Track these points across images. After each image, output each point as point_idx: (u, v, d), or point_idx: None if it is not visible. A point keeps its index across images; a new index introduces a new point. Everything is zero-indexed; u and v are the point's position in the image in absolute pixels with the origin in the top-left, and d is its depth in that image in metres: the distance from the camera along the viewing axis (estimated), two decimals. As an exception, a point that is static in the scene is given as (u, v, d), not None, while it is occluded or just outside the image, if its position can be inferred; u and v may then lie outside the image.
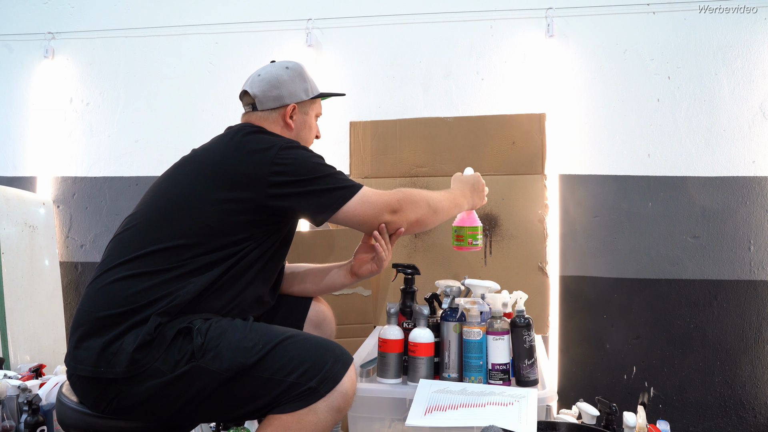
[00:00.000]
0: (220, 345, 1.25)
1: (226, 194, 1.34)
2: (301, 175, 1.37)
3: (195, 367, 1.24)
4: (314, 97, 1.61)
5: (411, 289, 1.71)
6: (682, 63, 2.51)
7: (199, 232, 1.33)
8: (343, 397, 1.26)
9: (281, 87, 1.55)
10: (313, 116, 1.63)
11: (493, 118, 2.40)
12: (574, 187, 2.55)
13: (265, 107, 1.56)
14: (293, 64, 1.61)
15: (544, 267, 2.26)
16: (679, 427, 2.42)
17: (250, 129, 1.46)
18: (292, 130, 1.58)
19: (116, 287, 1.29)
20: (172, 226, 1.34)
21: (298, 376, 1.24)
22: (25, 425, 1.98)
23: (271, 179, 1.35)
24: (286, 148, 1.39)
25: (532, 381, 1.50)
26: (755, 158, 2.45)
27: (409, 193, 1.48)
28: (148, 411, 1.27)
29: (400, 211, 1.45)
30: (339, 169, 1.44)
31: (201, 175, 1.38)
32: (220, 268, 1.33)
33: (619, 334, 2.49)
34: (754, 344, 2.41)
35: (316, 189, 1.38)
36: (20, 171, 3.04)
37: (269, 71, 1.58)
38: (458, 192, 1.64)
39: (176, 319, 1.28)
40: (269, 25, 2.81)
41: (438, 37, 2.70)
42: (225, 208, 1.34)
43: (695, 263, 2.45)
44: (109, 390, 1.26)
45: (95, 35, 3.00)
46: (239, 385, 1.25)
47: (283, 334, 1.30)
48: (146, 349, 1.24)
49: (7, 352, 2.50)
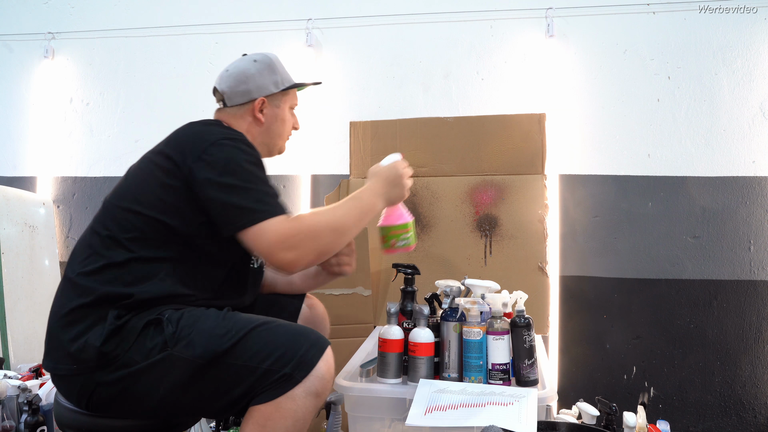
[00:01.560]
0: (193, 333, 1.24)
1: (165, 182, 1.33)
2: (222, 177, 1.29)
3: (168, 356, 1.23)
4: (286, 88, 1.56)
5: (411, 289, 1.71)
6: (682, 63, 2.51)
7: (147, 225, 1.33)
8: (320, 382, 1.23)
9: (249, 81, 1.52)
10: (287, 108, 1.59)
11: (493, 118, 2.40)
12: (574, 187, 2.55)
13: (233, 103, 1.53)
14: (262, 57, 1.56)
15: (544, 267, 2.26)
16: (679, 427, 2.42)
17: (199, 122, 1.45)
18: (263, 124, 1.54)
19: (76, 284, 1.31)
20: (121, 220, 1.35)
21: (272, 363, 1.22)
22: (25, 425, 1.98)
23: (195, 173, 1.30)
24: (219, 144, 1.32)
25: (532, 381, 1.50)
26: (755, 158, 2.45)
27: (308, 224, 1.29)
28: (129, 404, 1.28)
29: (297, 248, 1.26)
30: (267, 186, 1.32)
31: (146, 167, 1.39)
32: (174, 261, 1.31)
33: (619, 334, 2.49)
34: (754, 344, 2.41)
35: (229, 200, 1.28)
36: (20, 171, 3.04)
37: (237, 66, 1.54)
38: (369, 192, 1.44)
39: (144, 311, 1.28)
40: (269, 25, 2.81)
41: (438, 37, 2.70)
42: (165, 199, 1.33)
43: (695, 263, 2.45)
44: (86, 385, 1.27)
45: (95, 35, 3.00)
46: (214, 373, 1.24)
47: (256, 320, 1.28)
48: (114, 340, 1.25)
49: (7, 352, 2.50)
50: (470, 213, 2.34)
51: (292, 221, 1.28)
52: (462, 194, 2.36)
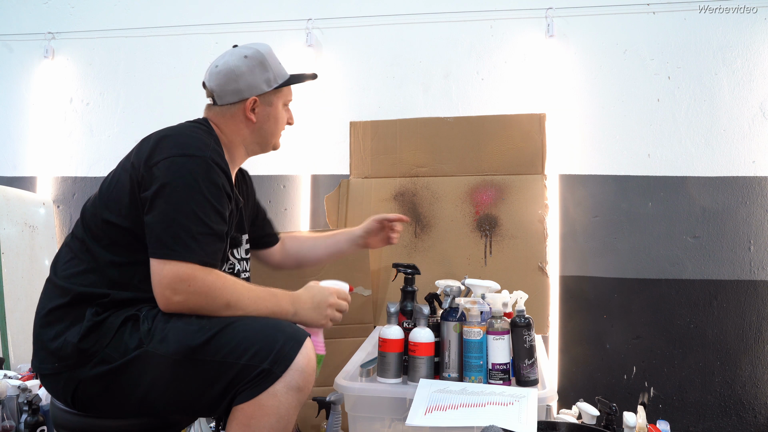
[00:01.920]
0: (167, 329, 1.25)
1: (128, 188, 1.33)
2: (156, 198, 1.26)
3: (144, 353, 1.24)
4: (278, 86, 1.52)
5: (411, 289, 1.71)
6: (682, 63, 2.51)
7: (117, 232, 1.33)
8: (300, 375, 1.22)
9: (239, 80, 1.47)
10: (280, 105, 1.54)
11: (493, 118, 2.40)
12: (574, 187, 2.55)
13: (224, 102, 1.49)
14: (252, 52, 1.50)
15: (544, 267, 2.26)
16: (679, 427, 2.42)
17: (179, 127, 1.42)
18: (255, 124, 1.51)
19: (56, 285, 1.34)
20: (93, 227, 1.36)
21: (249, 358, 1.21)
22: (25, 425, 1.98)
23: (142, 183, 1.30)
24: (171, 161, 1.28)
25: (532, 381, 1.50)
26: (755, 158, 2.45)
27: (212, 282, 1.25)
28: (112, 401, 1.28)
29: (183, 294, 1.23)
30: (196, 223, 1.25)
31: (118, 171, 1.41)
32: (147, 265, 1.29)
33: (619, 334, 2.49)
34: (754, 344, 2.41)
35: (151, 223, 1.26)
36: (20, 171, 3.04)
37: (227, 62, 1.49)
38: (289, 299, 1.37)
39: (122, 309, 1.29)
40: (269, 25, 2.81)
41: (438, 37, 2.70)
42: (129, 206, 1.32)
43: (695, 263, 2.45)
44: (69, 382, 1.28)
45: (95, 35, 3.00)
46: (191, 370, 1.23)
47: (232, 317, 1.28)
48: (91, 337, 1.26)
49: (7, 352, 2.50)
50: (470, 213, 2.34)
51: (194, 270, 1.23)
52: (462, 194, 2.36)
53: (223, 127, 1.50)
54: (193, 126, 1.44)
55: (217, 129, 1.49)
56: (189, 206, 1.25)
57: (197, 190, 1.27)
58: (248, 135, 1.52)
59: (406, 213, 2.38)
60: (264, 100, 1.51)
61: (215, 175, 1.30)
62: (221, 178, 1.32)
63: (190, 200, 1.26)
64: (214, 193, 1.29)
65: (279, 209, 2.79)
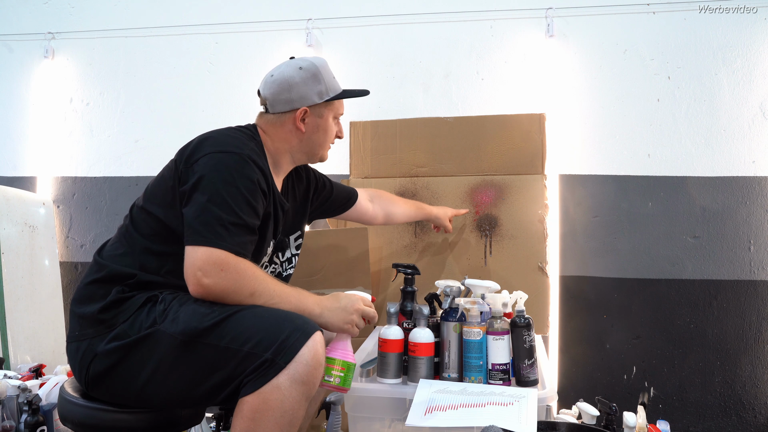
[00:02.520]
0: (180, 310, 1.28)
1: (170, 183, 1.41)
2: (193, 190, 1.32)
3: (155, 332, 1.28)
4: (330, 99, 1.57)
5: (411, 289, 1.71)
6: (682, 63, 2.51)
7: (156, 223, 1.41)
8: (305, 368, 1.21)
9: (292, 90, 1.52)
10: (330, 118, 1.60)
11: (493, 118, 2.40)
12: (574, 187, 2.55)
13: (275, 110, 1.54)
14: (308, 64, 1.55)
15: (544, 267, 2.26)
16: (679, 427, 2.42)
17: (225, 129, 1.49)
18: (304, 134, 1.56)
19: (96, 262, 1.42)
20: (136, 217, 1.45)
21: (253, 346, 1.21)
22: (25, 425, 1.98)
23: (181, 178, 1.38)
24: (210, 156, 1.35)
25: (532, 381, 1.50)
26: (755, 158, 2.45)
27: (244, 270, 1.28)
28: (120, 381, 1.31)
29: (212, 278, 1.26)
30: (229, 213, 1.29)
31: (166, 166, 1.49)
32: (180, 256, 1.33)
33: (619, 334, 2.49)
34: (754, 344, 2.41)
35: (187, 213, 1.31)
36: (20, 171, 3.04)
37: (282, 72, 1.54)
38: (315, 299, 1.37)
39: (145, 291, 1.35)
40: (269, 25, 2.81)
41: (438, 37, 2.70)
42: (169, 200, 1.40)
43: (695, 263, 2.46)
44: (86, 354, 1.33)
45: (95, 35, 3.00)
46: (196, 353, 1.25)
47: (245, 305, 1.29)
48: (112, 311, 1.32)
49: (7, 352, 2.50)
50: (470, 213, 2.34)
51: (227, 255, 1.27)
52: (462, 194, 2.36)
53: (272, 134, 1.55)
54: (236, 129, 1.52)
55: (265, 136, 1.55)
56: (222, 197, 1.30)
57: (231, 182, 1.32)
58: (296, 144, 1.56)
59: (406, 213, 2.39)
60: (314, 112, 1.56)
61: (251, 170, 1.36)
62: (257, 174, 1.38)
63: (224, 191, 1.31)
64: (248, 186, 1.34)
65: (279, 209, 2.78)
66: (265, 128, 1.56)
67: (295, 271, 1.91)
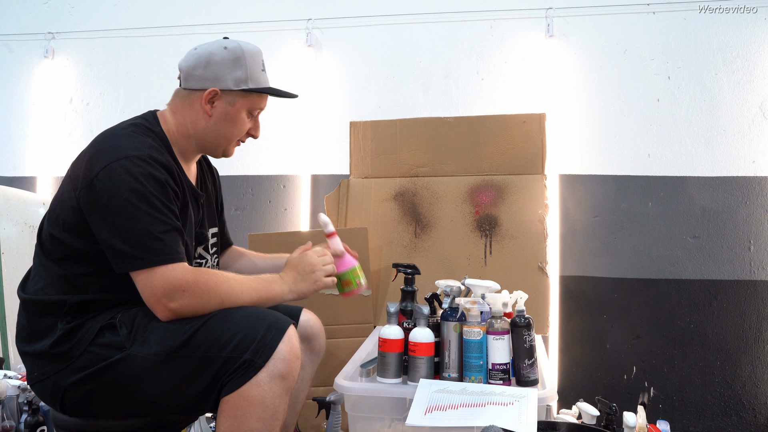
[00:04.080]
0: (148, 330, 1.25)
1: (71, 204, 1.31)
2: (105, 214, 1.23)
3: (127, 356, 1.25)
4: (245, 90, 1.41)
5: (411, 289, 1.71)
6: (682, 63, 2.51)
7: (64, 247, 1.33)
8: (283, 364, 1.22)
9: (208, 67, 1.39)
10: (244, 111, 1.44)
11: (493, 118, 2.40)
12: (574, 187, 2.55)
13: (188, 85, 1.42)
14: (235, 46, 1.41)
15: (544, 267, 2.26)
16: (679, 427, 2.42)
17: (113, 130, 1.37)
18: (210, 118, 1.42)
19: (24, 302, 1.38)
20: (46, 242, 1.37)
21: (231, 350, 1.21)
22: (25, 425, 1.98)
23: (82, 202, 1.27)
24: (109, 170, 1.23)
25: (532, 381, 1.50)
26: (755, 158, 2.45)
27: (205, 282, 1.25)
28: (101, 405, 1.29)
29: (180, 299, 1.23)
30: (153, 224, 1.23)
31: (64, 183, 1.38)
32: (99, 274, 1.30)
33: (619, 334, 2.49)
34: (754, 344, 2.41)
35: (109, 240, 1.23)
36: (20, 171, 3.04)
37: (206, 47, 1.42)
38: (278, 282, 1.37)
39: (88, 315, 1.30)
40: (269, 25, 2.81)
41: (438, 37, 2.70)
42: (72, 222, 1.31)
43: (695, 263, 2.45)
44: (55, 390, 1.30)
45: (95, 35, 3.00)
46: (175, 368, 1.24)
47: (214, 312, 1.27)
48: (64, 344, 1.28)
49: (7, 352, 2.50)
50: (470, 213, 2.34)
51: (182, 274, 1.23)
52: (462, 194, 2.36)
53: (178, 114, 1.44)
54: (130, 125, 1.40)
55: (171, 116, 1.44)
56: (138, 209, 1.23)
57: (141, 190, 1.24)
58: (200, 129, 1.43)
59: (406, 213, 2.39)
60: (226, 98, 1.41)
61: (155, 171, 1.27)
62: (162, 174, 1.28)
63: (138, 203, 1.23)
64: (158, 189, 1.26)
65: (279, 209, 2.79)
66: (173, 106, 1.45)
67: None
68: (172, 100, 1.48)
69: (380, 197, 2.42)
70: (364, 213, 2.39)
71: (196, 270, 1.28)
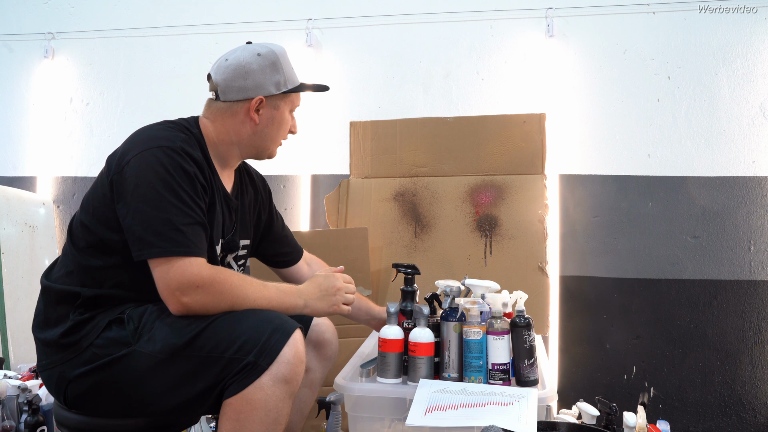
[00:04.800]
0: (154, 328, 1.26)
1: (104, 192, 1.33)
2: (131, 198, 1.25)
3: (132, 352, 1.25)
4: (288, 91, 1.45)
5: (411, 289, 1.70)
6: (682, 63, 2.51)
7: (92, 236, 1.34)
8: (287, 367, 1.21)
9: (248, 77, 1.40)
10: (287, 111, 1.48)
11: (493, 118, 2.40)
12: (574, 187, 2.55)
13: (227, 98, 1.42)
14: (267, 51, 1.43)
15: (544, 267, 2.26)
16: (679, 427, 2.42)
17: (155, 126, 1.39)
18: (257, 126, 1.44)
19: (45, 288, 1.38)
20: (75, 231, 1.38)
21: (235, 351, 1.20)
22: (25, 425, 1.98)
23: (113, 186, 1.29)
24: (140, 157, 1.26)
25: (532, 381, 1.50)
26: (755, 158, 2.45)
27: (221, 282, 1.26)
28: (103, 399, 1.30)
29: (193, 294, 1.24)
30: (177, 214, 1.24)
31: (100, 173, 1.41)
32: (120, 268, 1.31)
33: (619, 334, 2.49)
34: (754, 344, 2.41)
35: (131, 225, 1.24)
36: (20, 171, 3.04)
37: (238, 57, 1.42)
38: (296, 293, 1.38)
39: (106, 310, 1.31)
40: (269, 25, 2.81)
41: (438, 37, 2.70)
42: (104, 211, 1.33)
43: (695, 263, 2.45)
44: (60, 380, 1.31)
45: (95, 35, 3.00)
46: (179, 367, 1.23)
47: (221, 313, 1.27)
48: (73, 335, 1.29)
49: (7, 352, 2.50)
50: (470, 213, 2.34)
51: (199, 269, 1.23)
52: (462, 194, 2.36)
53: (219, 124, 1.44)
54: (167, 122, 1.43)
55: (210, 125, 1.45)
56: (164, 198, 1.23)
57: (169, 180, 1.25)
58: (247, 137, 1.45)
59: (406, 213, 2.39)
60: (270, 103, 1.44)
61: (185, 163, 1.28)
62: (192, 167, 1.29)
63: (164, 192, 1.24)
64: (186, 181, 1.27)
65: (279, 209, 2.78)
66: (213, 117, 1.45)
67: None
68: (208, 112, 1.47)
69: (380, 197, 2.42)
70: (364, 213, 2.39)
71: (214, 268, 1.28)
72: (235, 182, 1.55)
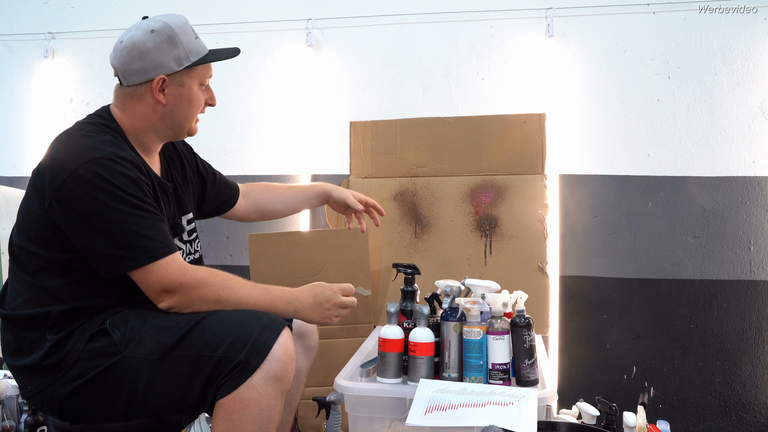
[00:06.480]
0: (142, 331, 1.25)
1: (39, 214, 1.27)
2: (82, 222, 1.22)
3: (122, 359, 1.24)
4: (191, 65, 1.37)
5: (411, 289, 1.71)
6: (682, 63, 2.51)
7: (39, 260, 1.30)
8: (278, 365, 1.21)
9: (144, 58, 1.32)
10: (195, 85, 1.40)
11: (493, 118, 2.40)
12: (574, 187, 2.55)
13: (130, 82, 1.35)
14: (161, 26, 1.33)
15: (544, 267, 2.26)
16: (679, 427, 2.42)
17: (69, 133, 1.32)
18: (165, 106, 1.37)
19: (4, 317, 1.34)
20: (18, 257, 1.33)
21: (225, 350, 1.21)
22: (25, 425, 1.98)
23: (55, 214, 1.24)
24: (76, 177, 1.20)
25: (532, 381, 1.50)
26: (755, 158, 2.45)
27: (204, 282, 1.27)
28: (100, 410, 1.29)
29: (177, 293, 1.25)
30: (136, 221, 1.22)
31: (28, 193, 1.34)
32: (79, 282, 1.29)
33: (619, 334, 2.49)
34: (754, 344, 2.41)
35: (95, 247, 1.23)
36: (20, 171, 3.04)
37: (132, 37, 1.33)
38: (288, 297, 1.36)
39: (75, 323, 1.28)
40: (269, 25, 2.81)
41: (438, 37, 2.70)
42: (44, 232, 1.28)
43: (695, 263, 2.45)
44: (52, 401, 1.29)
45: (95, 35, 3.00)
46: (170, 367, 1.23)
47: (208, 312, 1.28)
48: (55, 355, 1.26)
49: (7, 352, 2.50)
50: (470, 213, 2.34)
51: (180, 270, 1.25)
52: (462, 194, 2.36)
53: (130, 111, 1.38)
54: (84, 124, 1.36)
55: (123, 114, 1.38)
56: (117, 211, 1.22)
57: (116, 192, 1.22)
58: (158, 119, 1.38)
59: (406, 213, 2.39)
60: (174, 80, 1.36)
61: (124, 168, 1.24)
62: (132, 170, 1.26)
63: (117, 205, 1.22)
64: (132, 186, 1.24)
65: (279, 209, 2.78)
66: (122, 105, 1.38)
67: (295, 271, 1.90)
68: (117, 100, 1.40)
69: (380, 197, 2.41)
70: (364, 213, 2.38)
71: (196, 268, 1.29)
72: (162, 163, 1.50)
